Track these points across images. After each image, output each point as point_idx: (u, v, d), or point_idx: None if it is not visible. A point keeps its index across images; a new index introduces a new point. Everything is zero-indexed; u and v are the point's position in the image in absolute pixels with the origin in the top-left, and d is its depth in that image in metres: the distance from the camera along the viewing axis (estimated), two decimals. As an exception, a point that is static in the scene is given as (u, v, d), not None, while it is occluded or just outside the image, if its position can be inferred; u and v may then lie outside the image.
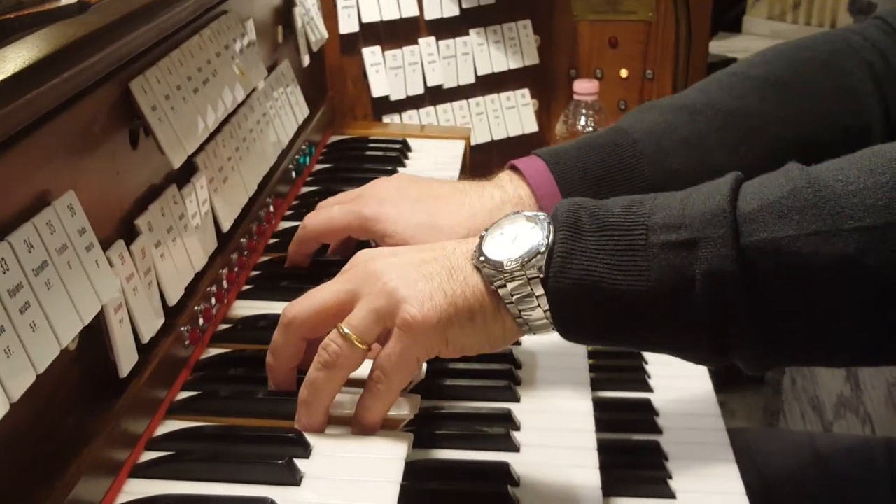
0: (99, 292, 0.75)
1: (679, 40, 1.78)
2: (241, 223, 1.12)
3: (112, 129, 0.86)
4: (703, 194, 0.76)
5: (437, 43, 1.70)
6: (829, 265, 0.71)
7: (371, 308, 0.80)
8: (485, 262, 0.79)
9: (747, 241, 0.73)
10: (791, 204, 0.73)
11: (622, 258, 0.76)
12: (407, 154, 1.53)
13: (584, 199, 0.81)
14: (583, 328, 0.79)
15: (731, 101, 1.03)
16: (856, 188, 0.72)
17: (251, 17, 1.21)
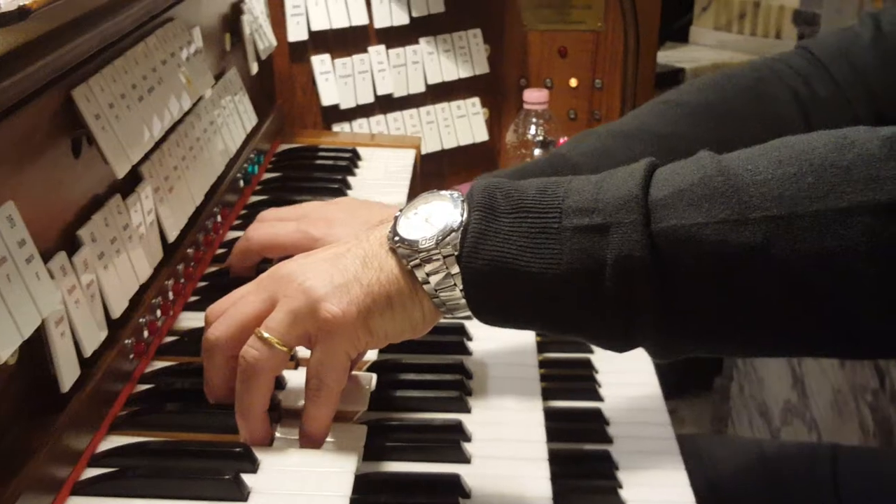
0: (39, 305, 0.73)
1: (627, 50, 1.80)
2: (188, 233, 1.10)
3: (54, 137, 0.84)
4: (617, 179, 0.77)
5: (386, 51, 1.69)
6: (735, 253, 0.72)
7: (288, 309, 0.80)
8: (399, 243, 0.79)
9: (657, 227, 0.73)
10: (701, 192, 0.73)
11: (535, 240, 0.76)
12: (357, 163, 1.52)
13: (501, 180, 0.81)
14: (496, 309, 0.79)
15: (664, 126, 1.06)
16: (763, 178, 0.73)
17: (198, 25, 1.20)
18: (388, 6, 1.68)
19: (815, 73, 1.10)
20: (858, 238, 0.70)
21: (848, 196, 0.71)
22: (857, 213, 0.70)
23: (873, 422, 2.18)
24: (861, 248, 0.70)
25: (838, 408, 2.30)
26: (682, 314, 0.74)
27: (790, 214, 0.71)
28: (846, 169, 0.71)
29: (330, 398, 0.81)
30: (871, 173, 0.70)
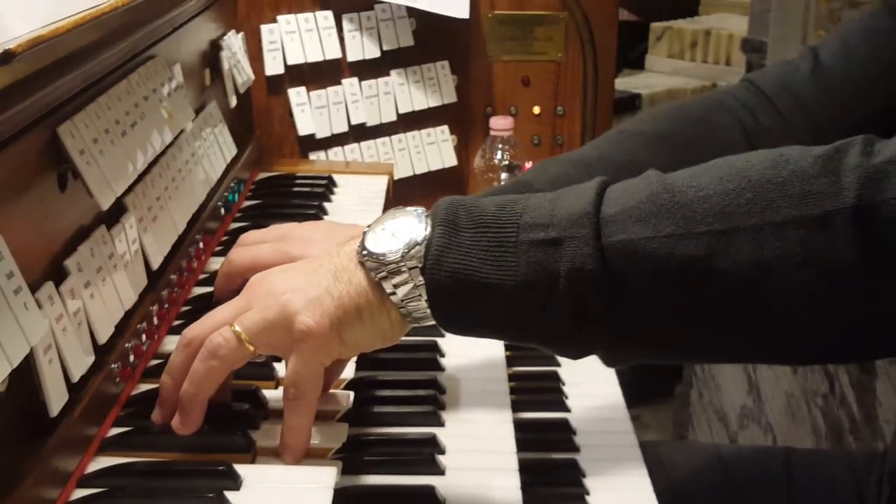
0: (28, 334, 0.72)
1: (587, 78, 1.80)
2: (171, 260, 1.09)
3: (40, 173, 0.83)
4: (571, 197, 0.78)
5: (359, 83, 1.69)
6: (681, 266, 0.73)
7: (263, 316, 0.81)
8: (367, 256, 0.79)
9: (608, 241, 0.74)
10: (648, 208, 0.74)
11: (494, 253, 0.76)
12: (333, 189, 1.52)
13: (463, 197, 0.82)
14: (459, 319, 0.80)
15: (621, 154, 1.07)
16: (706, 194, 0.74)
17: (178, 62, 1.19)
18: (360, 40, 1.68)
19: (759, 104, 1.11)
20: (793, 249, 0.71)
21: (783, 210, 0.72)
22: (792, 226, 0.71)
23: (824, 424, 2.20)
24: (796, 258, 0.71)
25: (791, 412, 2.32)
26: (631, 324, 0.75)
27: (731, 228, 0.72)
28: (781, 185, 0.72)
29: (308, 406, 0.82)
30: (805, 189, 0.72)
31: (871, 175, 0.70)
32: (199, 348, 0.82)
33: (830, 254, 0.70)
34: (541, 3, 1.76)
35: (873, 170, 0.71)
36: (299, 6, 1.64)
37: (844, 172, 0.71)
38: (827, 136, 1.06)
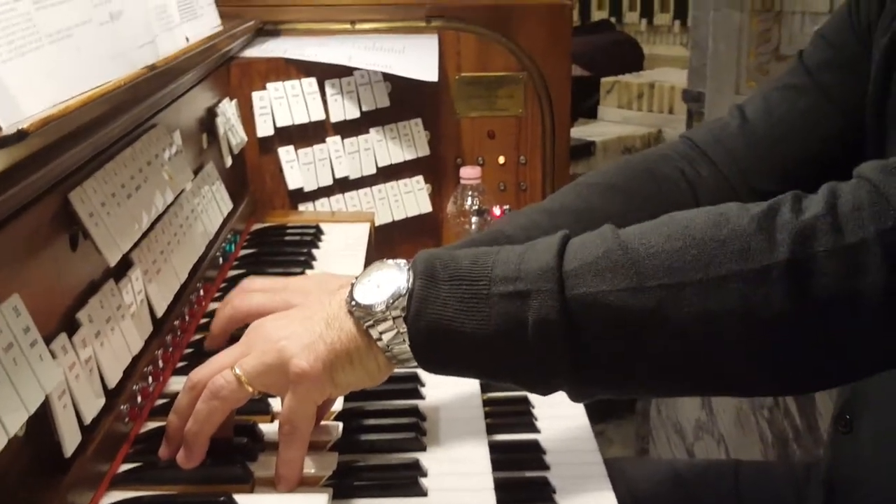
0: (43, 383, 0.72)
1: (545, 130, 1.81)
2: (175, 307, 1.09)
3: (53, 235, 0.83)
4: (536, 251, 0.78)
5: (342, 141, 1.69)
6: (635, 316, 0.73)
7: (262, 360, 0.81)
8: (356, 307, 0.80)
9: (570, 293, 0.74)
10: (604, 264, 0.75)
11: (468, 304, 0.77)
12: (320, 237, 1.52)
13: (440, 251, 0.82)
14: (437, 361, 0.80)
15: (580, 203, 1.08)
16: (655, 251, 0.74)
17: (178, 129, 1.19)
18: (342, 103, 1.68)
19: (696, 157, 1.12)
20: (735, 301, 0.71)
21: (725, 266, 0.72)
22: (733, 280, 0.72)
23: (771, 434, 2.20)
24: (738, 309, 0.71)
25: (741, 423, 2.32)
26: (592, 367, 0.75)
27: (678, 283, 0.73)
28: (723, 242, 0.73)
29: (302, 441, 0.82)
30: (743, 245, 0.72)
31: (800, 231, 0.71)
32: (203, 390, 0.82)
33: (768, 304, 0.71)
34: (502, 65, 1.77)
35: (802, 226, 0.71)
36: (286, 74, 1.64)
37: (778, 229, 0.72)
38: (756, 183, 1.09)
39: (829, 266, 0.70)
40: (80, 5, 0.89)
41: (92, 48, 0.89)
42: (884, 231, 0.70)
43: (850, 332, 0.72)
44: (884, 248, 0.69)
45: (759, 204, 0.75)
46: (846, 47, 1.07)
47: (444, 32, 1.74)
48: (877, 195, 0.71)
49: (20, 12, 0.78)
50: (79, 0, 0.88)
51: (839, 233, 0.71)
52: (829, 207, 0.72)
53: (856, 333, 0.72)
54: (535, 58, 1.77)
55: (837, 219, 0.71)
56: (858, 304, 0.70)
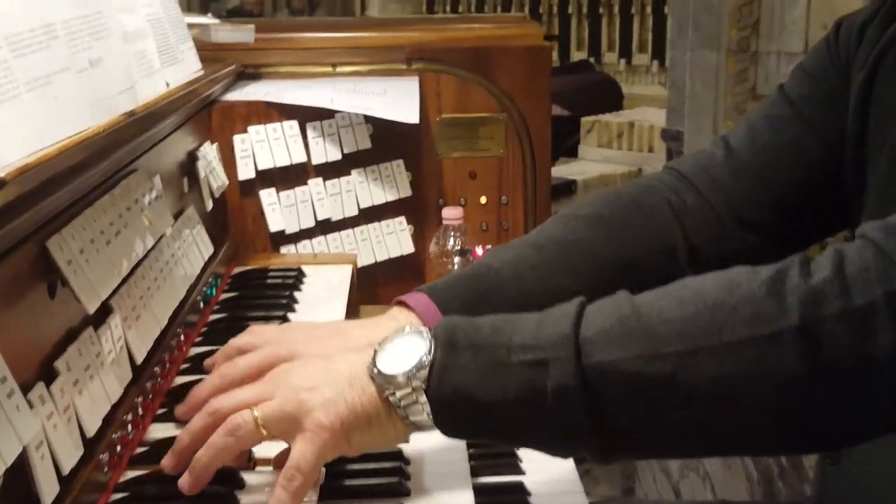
0: (20, 434, 0.71)
1: (526, 170, 1.82)
2: (155, 353, 1.07)
3: (31, 283, 0.82)
4: (553, 319, 0.79)
5: (324, 183, 1.69)
6: (650, 383, 0.74)
7: (282, 408, 0.82)
8: (378, 375, 0.81)
9: (587, 361, 0.75)
10: (619, 331, 0.76)
11: (488, 372, 0.78)
12: (302, 280, 1.51)
13: (460, 319, 0.83)
14: (460, 428, 0.81)
15: (567, 235, 1.08)
16: (668, 317, 0.75)
17: (158, 173, 1.18)
18: (323, 145, 1.68)
19: (682, 186, 1.12)
20: (750, 365, 0.72)
21: (737, 331, 0.73)
22: (746, 345, 0.73)
23: (756, 472, 2.19)
24: (752, 374, 0.72)
25: (726, 462, 2.31)
26: (612, 432, 0.76)
27: (693, 349, 0.73)
28: (734, 308, 0.74)
29: (303, 489, 0.82)
30: (754, 311, 0.73)
31: (810, 295, 0.72)
32: (220, 420, 0.83)
33: (782, 368, 0.72)
34: (482, 106, 1.78)
35: (812, 290, 0.72)
36: (267, 118, 1.64)
37: (787, 294, 0.73)
38: (741, 211, 1.10)
39: (839, 329, 0.71)
40: (59, 53, 0.89)
41: (70, 95, 0.89)
42: (891, 292, 0.71)
43: (864, 392, 0.72)
44: (891, 308, 0.71)
45: (767, 267, 0.76)
46: (826, 80, 1.09)
47: (424, 74, 1.75)
48: (881, 256, 0.73)
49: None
50: (57, 47, 0.88)
51: (847, 296, 0.72)
52: (836, 270, 0.73)
53: (870, 394, 0.72)
54: (515, 99, 1.78)
55: (845, 281, 0.72)
56: (871, 364, 0.71)
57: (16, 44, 0.81)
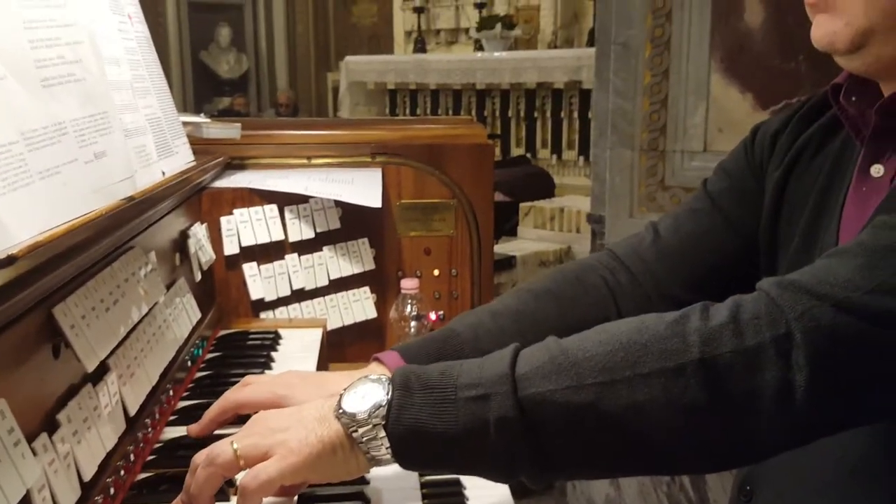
0: (24, 479, 0.69)
1: (473, 247, 1.83)
2: (146, 406, 1.05)
3: (38, 345, 0.81)
4: (493, 361, 0.79)
5: (299, 258, 1.69)
6: (577, 410, 0.74)
7: (259, 442, 0.81)
8: (342, 414, 0.80)
9: (522, 394, 0.75)
10: (549, 367, 0.76)
11: (439, 408, 0.77)
12: (278, 341, 1.49)
13: (413, 366, 0.83)
14: (415, 460, 0.80)
15: (520, 305, 1.09)
16: (591, 355, 0.76)
17: (153, 250, 1.17)
18: (299, 225, 1.68)
19: (617, 266, 1.13)
20: (658, 393, 0.73)
21: (648, 365, 0.74)
22: (655, 375, 0.73)
23: (670, 506, 2.18)
24: (661, 400, 0.73)
25: (644, 497, 2.30)
26: (546, 455, 0.75)
27: (610, 380, 0.74)
28: (644, 345, 0.75)
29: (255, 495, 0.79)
30: (662, 347, 0.74)
31: (708, 335, 0.73)
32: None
33: (686, 395, 0.73)
34: (436, 193, 1.79)
35: (709, 331, 0.74)
36: (250, 202, 1.65)
37: (689, 334, 0.74)
38: (665, 289, 1.10)
39: (733, 364, 0.72)
40: (68, 147, 0.88)
41: (77, 183, 0.88)
42: (777, 336, 0.72)
43: (753, 419, 0.73)
44: (777, 350, 0.72)
45: (672, 313, 0.77)
46: (742, 179, 1.10)
47: (386, 166, 1.76)
48: (773, 306, 0.74)
49: (14, 153, 0.78)
50: (67, 142, 0.88)
51: (741, 337, 0.73)
52: (732, 316, 0.74)
53: (759, 420, 0.73)
54: (463, 187, 1.79)
55: (739, 325, 0.73)
56: (759, 396, 0.72)
57: (31, 139, 0.81)
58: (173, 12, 9.69)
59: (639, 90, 2.53)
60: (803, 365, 0.71)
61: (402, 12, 8.23)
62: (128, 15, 1.28)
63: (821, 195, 0.97)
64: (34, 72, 0.84)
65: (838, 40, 0.85)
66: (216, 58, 10.40)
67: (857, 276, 0.72)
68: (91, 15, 1.06)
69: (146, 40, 1.35)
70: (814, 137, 1.01)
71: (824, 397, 0.72)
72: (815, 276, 0.75)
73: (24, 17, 0.84)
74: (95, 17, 1.09)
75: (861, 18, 0.83)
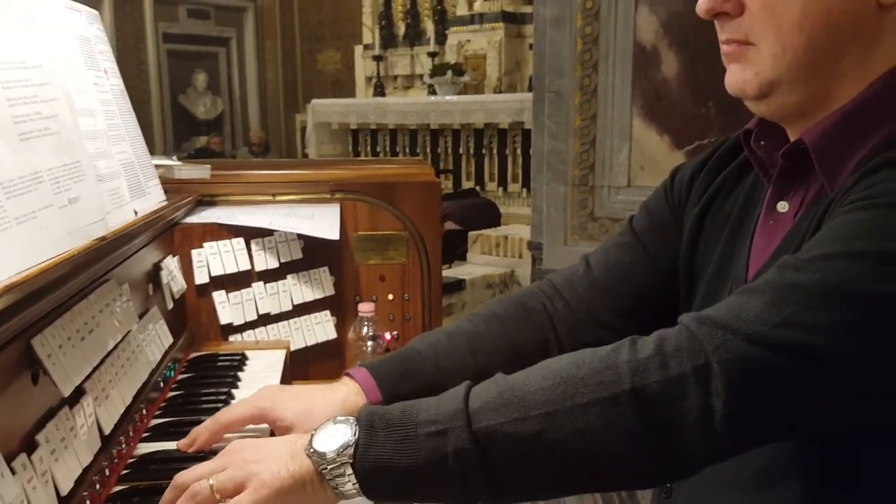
0: (3, 496, 0.68)
1: (423, 274, 1.84)
2: (121, 425, 1.04)
3: (17, 373, 0.80)
4: (447, 399, 0.80)
5: (264, 285, 1.68)
6: (524, 439, 0.75)
7: (233, 476, 0.80)
8: (313, 453, 0.79)
9: (476, 427, 0.76)
10: (499, 402, 0.77)
11: (401, 445, 0.77)
12: (245, 362, 1.48)
13: (377, 407, 0.83)
14: (381, 493, 0.79)
15: (471, 327, 1.10)
16: (534, 389, 0.77)
17: (127, 282, 1.16)
18: (264, 256, 1.68)
19: (554, 294, 1.14)
20: (596, 421, 0.74)
21: (585, 396, 0.75)
22: (593, 405, 0.74)
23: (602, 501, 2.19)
24: (599, 426, 0.74)
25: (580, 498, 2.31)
26: (501, 481, 0.76)
27: (552, 411, 0.75)
28: (582, 378, 0.76)
29: None
30: (597, 380, 0.75)
31: (637, 367, 0.74)
32: (184, 490, 0.81)
33: (620, 422, 0.73)
34: (389, 226, 1.80)
35: (638, 363, 0.75)
36: (219, 236, 1.64)
37: (620, 366, 0.75)
38: (596, 315, 1.11)
39: (660, 392, 0.73)
40: (44, 194, 0.88)
41: (52, 227, 0.88)
42: (698, 366, 0.73)
43: (681, 439, 0.74)
44: (697, 378, 0.73)
45: (604, 347, 0.78)
46: (662, 217, 1.11)
47: (343, 202, 1.77)
48: (693, 339, 0.74)
49: (-5, 201, 0.78)
50: (43, 189, 0.88)
51: (666, 368, 0.74)
52: (657, 349, 0.75)
53: (685, 440, 0.74)
54: (414, 220, 1.80)
55: (664, 357, 0.74)
56: (684, 419, 0.73)
57: (8, 188, 0.81)
58: (154, 59, 9.60)
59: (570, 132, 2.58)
60: (721, 391, 0.72)
61: (363, 60, 8.28)
62: (104, 70, 1.28)
63: (733, 228, 0.99)
64: (12, 127, 0.84)
65: (748, 88, 0.87)
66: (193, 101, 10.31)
67: (764, 312, 0.73)
68: (66, 73, 1.06)
69: (121, 92, 1.35)
70: (728, 178, 1.04)
71: (741, 419, 0.73)
72: (728, 311, 0.75)
73: (3, 78, 0.84)
74: (71, 74, 1.09)
75: (769, 70, 0.85)
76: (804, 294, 0.73)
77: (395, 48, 8.04)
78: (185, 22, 10.07)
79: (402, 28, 8.04)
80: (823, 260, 0.74)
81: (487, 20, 6.78)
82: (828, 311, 0.72)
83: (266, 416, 1.01)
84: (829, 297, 0.73)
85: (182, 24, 10.04)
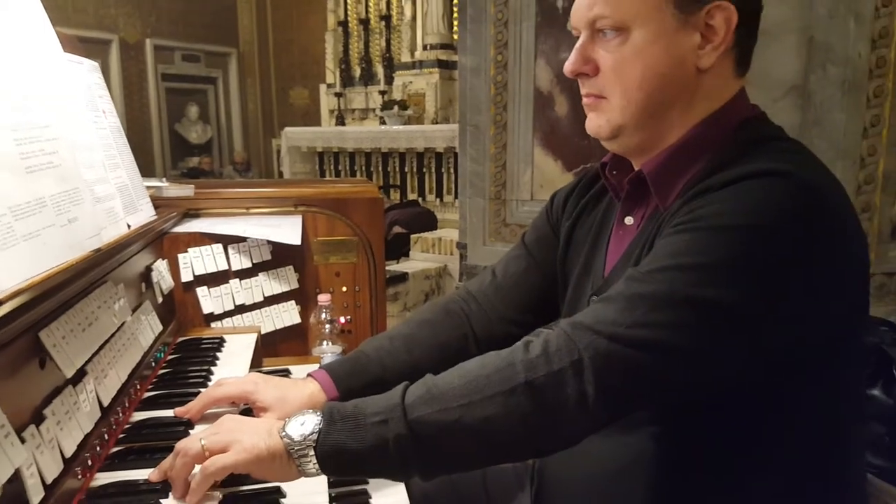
0: (13, 460, 0.68)
1: (370, 271, 1.85)
2: (117, 398, 1.03)
3: (26, 360, 0.79)
4: (389, 396, 0.81)
5: (240, 281, 1.66)
6: (447, 425, 0.77)
7: (221, 439, 0.81)
8: (285, 436, 0.81)
9: (410, 417, 0.78)
10: (427, 397, 0.79)
11: (353, 432, 0.79)
12: (223, 344, 1.46)
13: (336, 403, 0.84)
14: (336, 470, 0.81)
15: (406, 330, 1.11)
16: (453, 386, 0.79)
17: (122, 282, 1.15)
18: (240, 258, 1.66)
19: (470, 299, 1.16)
20: (500, 409, 0.76)
21: (491, 389, 0.77)
22: (498, 396, 0.76)
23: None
24: (502, 413, 0.76)
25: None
26: (431, 459, 0.78)
27: (468, 402, 0.77)
28: (487, 376, 0.78)
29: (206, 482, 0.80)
30: (499, 376, 0.77)
31: (529, 364, 0.76)
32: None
33: (518, 409, 0.75)
34: (343, 232, 1.80)
35: (529, 361, 0.76)
36: (202, 242, 1.62)
37: (516, 364, 0.77)
38: (502, 314, 1.13)
39: (547, 383, 0.75)
40: (47, 215, 0.87)
41: (54, 242, 0.87)
42: (574, 361, 0.75)
43: (564, 419, 0.75)
44: (574, 371, 0.76)
45: (506, 350, 0.79)
46: (545, 231, 1.14)
47: (305, 214, 1.76)
48: (569, 340, 0.76)
49: (3, 223, 0.77)
50: (47, 211, 0.87)
51: (550, 364, 0.75)
52: (543, 349, 0.76)
53: (568, 420, 0.75)
54: (363, 228, 1.81)
55: (549, 356, 0.76)
56: (566, 403, 0.74)
57: (16, 211, 0.80)
58: (154, 95, 9.38)
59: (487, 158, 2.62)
60: (591, 380, 0.74)
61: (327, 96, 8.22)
62: (101, 110, 1.26)
63: (594, 237, 1.03)
64: (20, 162, 0.82)
65: (602, 131, 0.92)
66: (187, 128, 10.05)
67: (619, 317, 0.76)
68: (68, 115, 1.04)
69: (118, 128, 1.33)
70: (591, 199, 1.08)
71: (608, 399, 0.75)
72: (594, 317, 0.77)
73: (11, 123, 0.83)
74: (71, 117, 1.07)
75: (617, 117, 0.89)
76: (647, 301, 0.75)
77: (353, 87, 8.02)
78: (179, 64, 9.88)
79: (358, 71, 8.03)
80: (660, 272, 0.77)
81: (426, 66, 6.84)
82: (665, 312, 0.74)
83: (249, 398, 1.02)
84: (665, 302, 0.74)
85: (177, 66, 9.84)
